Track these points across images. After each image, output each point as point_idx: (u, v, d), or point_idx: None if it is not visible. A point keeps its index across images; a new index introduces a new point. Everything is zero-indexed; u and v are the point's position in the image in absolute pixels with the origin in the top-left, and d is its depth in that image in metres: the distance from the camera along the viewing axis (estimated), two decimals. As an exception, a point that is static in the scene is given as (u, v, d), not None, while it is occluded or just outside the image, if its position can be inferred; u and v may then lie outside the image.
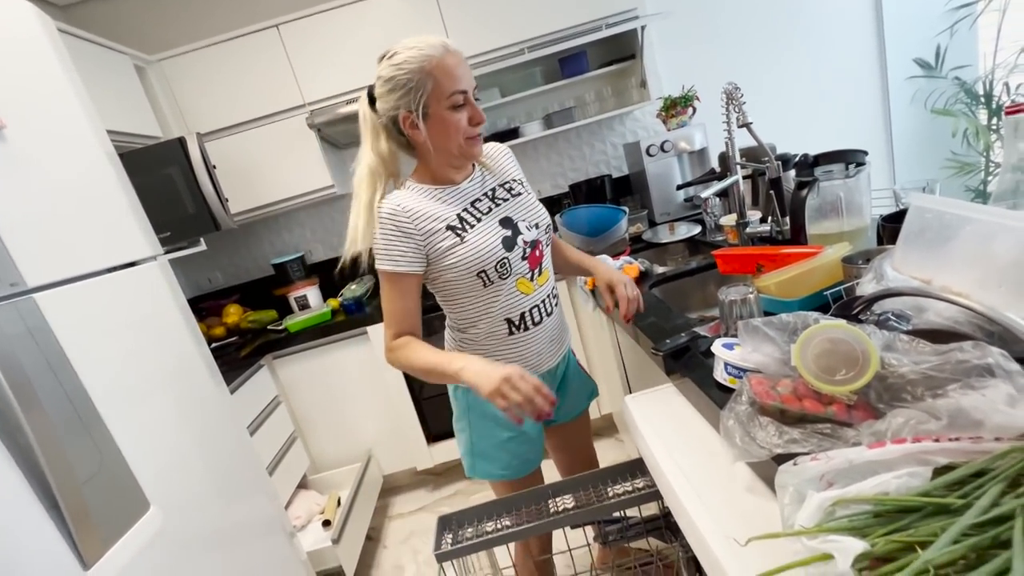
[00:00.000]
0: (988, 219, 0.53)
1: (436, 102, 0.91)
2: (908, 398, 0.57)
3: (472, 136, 0.96)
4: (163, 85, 2.03)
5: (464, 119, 0.94)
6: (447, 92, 0.91)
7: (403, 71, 0.91)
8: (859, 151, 1.05)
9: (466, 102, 0.94)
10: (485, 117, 0.98)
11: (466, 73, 0.93)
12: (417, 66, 0.90)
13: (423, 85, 0.90)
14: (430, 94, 0.91)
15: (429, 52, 0.90)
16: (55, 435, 0.82)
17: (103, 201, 1.08)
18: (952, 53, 2.51)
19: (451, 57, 0.91)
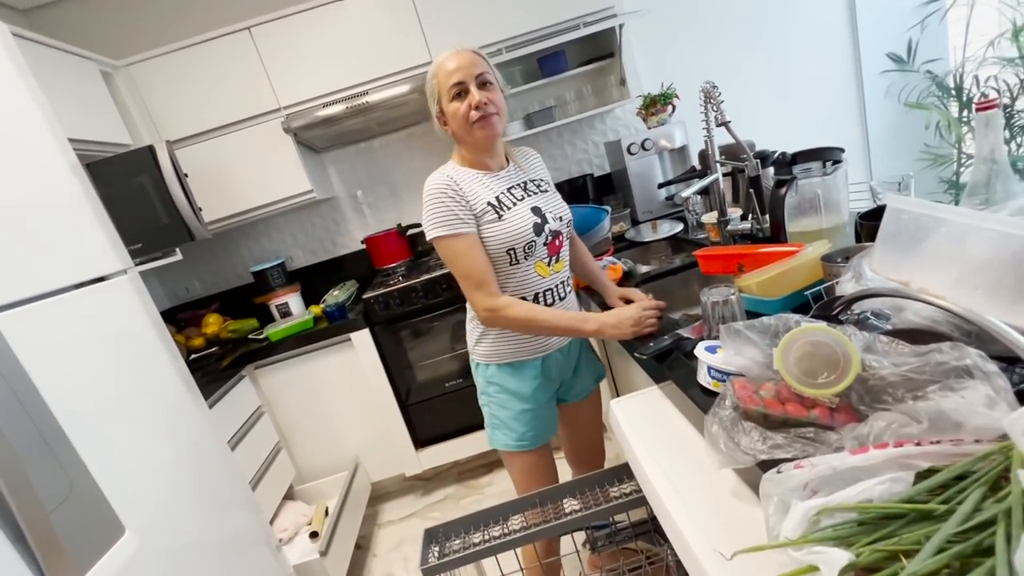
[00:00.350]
0: (962, 220, 0.54)
1: (444, 98, 1.08)
2: (889, 400, 0.57)
3: (475, 119, 1.05)
4: (131, 91, 1.97)
5: (464, 106, 1.05)
6: (446, 87, 1.06)
7: (428, 83, 1.11)
8: (836, 149, 1.06)
9: (464, 91, 1.05)
10: (483, 100, 1.05)
11: (464, 66, 1.05)
12: (431, 75, 1.10)
13: (435, 88, 1.09)
14: (440, 94, 1.08)
15: (437, 60, 1.09)
16: (17, 461, 0.78)
17: (67, 214, 1.04)
18: (923, 47, 2.56)
19: (451, 59, 1.06)
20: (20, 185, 0.96)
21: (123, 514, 0.95)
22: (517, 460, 1.25)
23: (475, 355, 1.25)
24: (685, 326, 1.04)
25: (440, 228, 1.06)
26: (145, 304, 1.19)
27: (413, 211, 2.55)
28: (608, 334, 1.08)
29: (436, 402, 2.17)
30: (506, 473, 2.25)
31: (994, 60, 2.43)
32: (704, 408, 0.75)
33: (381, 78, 2.06)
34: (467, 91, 1.05)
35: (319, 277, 2.55)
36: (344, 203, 2.52)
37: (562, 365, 1.26)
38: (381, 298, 2.04)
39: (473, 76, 1.05)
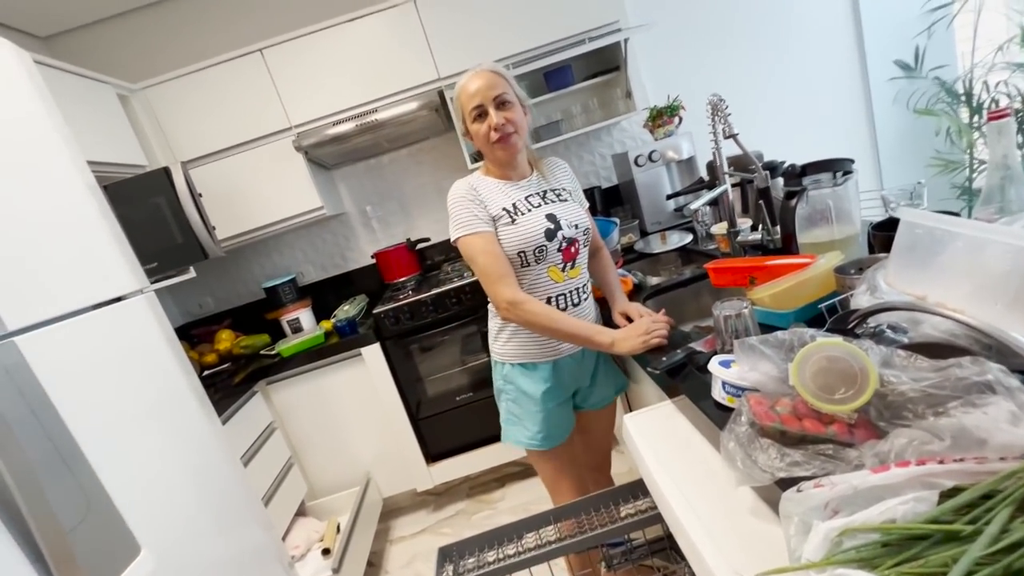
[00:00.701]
0: (977, 234, 0.53)
1: (467, 118, 1.16)
2: (909, 416, 0.56)
3: (495, 140, 1.13)
4: (147, 113, 2.02)
5: (484, 127, 1.13)
6: (467, 110, 1.14)
7: (454, 102, 1.19)
8: (846, 160, 1.05)
9: (484, 113, 1.12)
10: (500, 122, 1.11)
11: (483, 88, 1.11)
12: (455, 96, 1.17)
13: (459, 109, 1.17)
14: (463, 115, 1.17)
15: (460, 81, 1.15)
16: (36, 481, 0.79)
17: (85, 236, 1.06)
18: (931, 53, 2.55)
19: (472, 80, 1.13)
20: (40, 207, 0.99)
21: (139, 533, 0.95)
22: (539, 460, 1.30)
23: (494, 353, 1.31)
24: (697, 339, 1.03)
25: (461, 229, 1.15)
26: (161, 323, 1.20)
27: (422, 226, 2.57)
28: (619, 347, 1.09)
29: (447, 416, 2.16)
30: (518, 488, 2.25)
31: (1003, 65, 2.41)
32: (719, 423, 0.74)
33: (390, 95, 2.10)
34: (487, 113, 1.12)
35: (330, 292, 2.58)
36: (354, 219, 2.55)
37: (575, 372, 1.29)
38: (391, 312, 2.05)
39: (491, 98, 1.11)
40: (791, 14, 2.49)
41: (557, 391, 1.26)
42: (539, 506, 2.08)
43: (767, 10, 2.48)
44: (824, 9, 2.50)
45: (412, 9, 2.02)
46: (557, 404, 1.27)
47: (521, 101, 1.17)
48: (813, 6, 2.49)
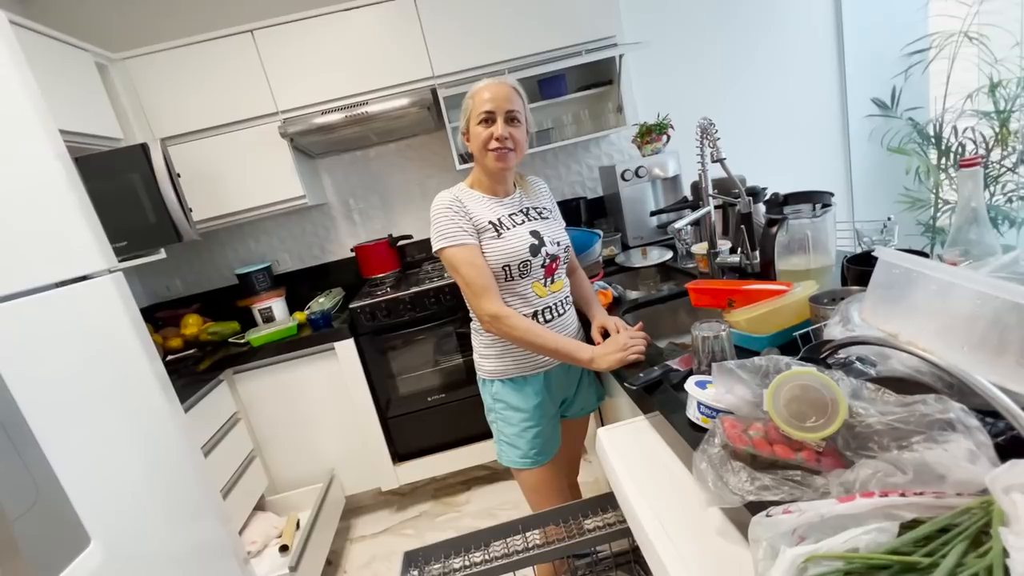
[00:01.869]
0: (949, 278, 0.56)
1: (473, 119, 1.16)
2: (875, 448, 0.59)
3: (492, 148, 1.14)
4: (126, 85, 1.94)
5: (487, 133, 1.13)
6: (478, 111, 1.14)
7: (464, 99, 1.19)
8: (826, 192, 1.09)
9: (492, 121, 1.13)
10: (504, 135, 1.13)
11: (499, 98, 1.13)
12: (469, 94, 1.18)
13: (468, 107, 1.17)
14: (471, 113, 1.16)
15: (479, 83, 1.17)
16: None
17: (52, 208, 1.01)
18: (906, 95, 2.67)
19: (488, 88, 1.14)
20: (6, 176, 0.94)
21: (89, 522, 0.91)
22: (526, 476, 1.29)
23: (481, 371, 1.30)
24: (673, 356, 1.05)
25: (445, 240, 1.14)
26: (127, 306, 1.15)
27: (404, 222, 2.54)
28: (598, 363, 1.10)
29: (417, 416, 2.14)
30: (484, 491, 2.24)
31: (971, 112, 2.54)
32: (692, 442, 0.76)
33: (382, 89, 2.07)
34: (494, 121, 1.13)
35: (304, 283, 2.52)
36: (335, 210, 2.51)
37: (563, 382, 1.31)
38: (368, 308, 2.02)
39: (504, 110, 1.13)
40: (780, 46, 2.57)
41: (549, 403, 1.28)
42: (505, 511, 2.08)
43: (757, 42, 2.55)
44: (810, 44, 2.59)
45: (411, 5, 2.01)
46: (549, 417, 1.28)
47: (527, 124, 1.19)
48: (800, 40, 2.58)
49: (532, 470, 1.28)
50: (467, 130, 1.19)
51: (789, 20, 2.55)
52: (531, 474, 1.28)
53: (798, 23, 2.56)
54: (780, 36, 2.56)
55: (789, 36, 2.56)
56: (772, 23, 2.54)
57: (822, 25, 2.58)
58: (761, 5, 2.52)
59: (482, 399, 1.34)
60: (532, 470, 1.28)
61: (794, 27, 2.56)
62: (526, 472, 1.29)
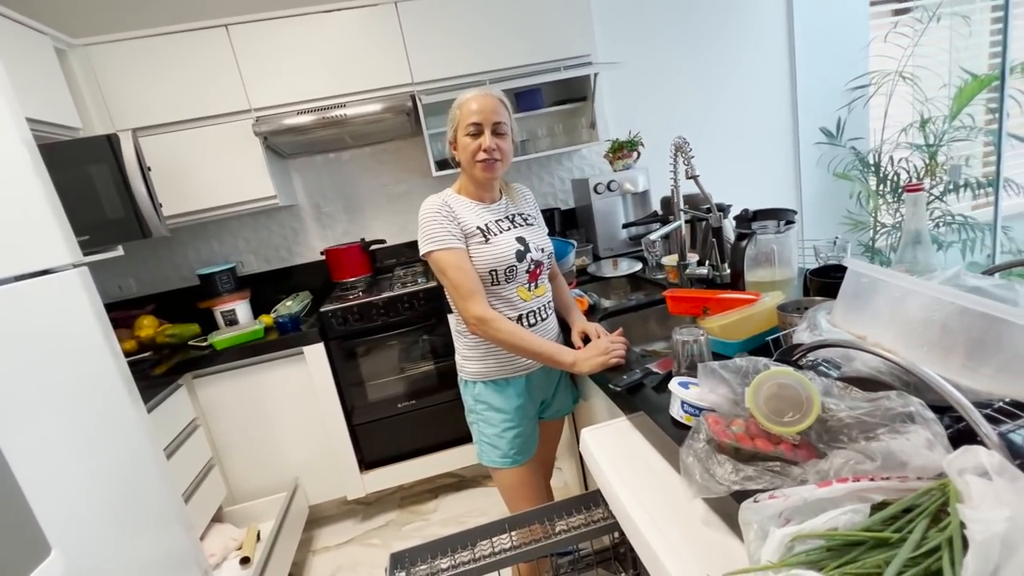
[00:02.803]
0: (909, 286, 0.63)
1: (460, 130, 1.18)
2: (845, 440, 0.65)
3: (480, 159, 1.17)
4: (87, 72, 1.85)
5: (475, 145, 1.16)
6: (465, 122, 1.17)
7: (451, 110, 1.21)
8: (790, 210, 1.19)
9: (479, 132, 1.16)
10: (491, 146, 1.16)
11: (486, 110, 1.16)
12: (456, 105, 1.20)
13: (455, 118, 1.20)
14: (458, 124, 1.19)
15: (466, 95, 1.19)
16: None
17: (16, 198, 0.96)
18: (850, 126, 2.90)
19: (475, 100, 1.17)
20: (-26, 163, 0.89)
21: (50, 530, 0.86)
22: (504, 476, 1.31)
23: (463, 373, 1.32)
24: (651, 361, 1.11)
25: (434, 243, 1.16)
26: (92, 302, 1.10)
27: (376, 227, 2.52)
28: (581, 367, 1.13)
29: (386, 423, 2.11)
30: (452, 499, 2.23)
31: (905, 144, 2.80)
32: (676, 439, 0.80)
33: (358, 93, 2.06)
34: (482, 132, 1.16)
35: (268, 285, 2.45)
36: (305, 211, 2.46)
37: (544, 384, 1.35)
38: (340, 312, 1.99)
39: (491, 122, 1.16)
40: (740, 75, 2.74)
41: (530, 405, 1.31)
42: (473, 518, 2.08)
43: (720, 71, 2.71)
44: (767, 75, 2.79)
45: (392, 11, 2.02)
46: (529, 419, 1.31)
47: (513, 135, 1.22)
48: (758, 72, 2.77)
49: (511, 469, 1.30)
50: (454, 140, 1.21)
51: (749, 52, 2.73)
52: (510, 473, 1.31)
53: (757, 56, 2.74)
54: (741, 66, 2.73)
55: (748, 67, 2.74)
56: (734, 54, 2.71)
57: (777, 58, 2.78)
58: (725, 39, 2.69)
59: (462, 400, 1.36)
60: (511, 469, 1.30)
61: (753, 59, 2.74)
62: (505, 471, 1.31)
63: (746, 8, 2.68)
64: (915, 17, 2.69)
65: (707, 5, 2.62)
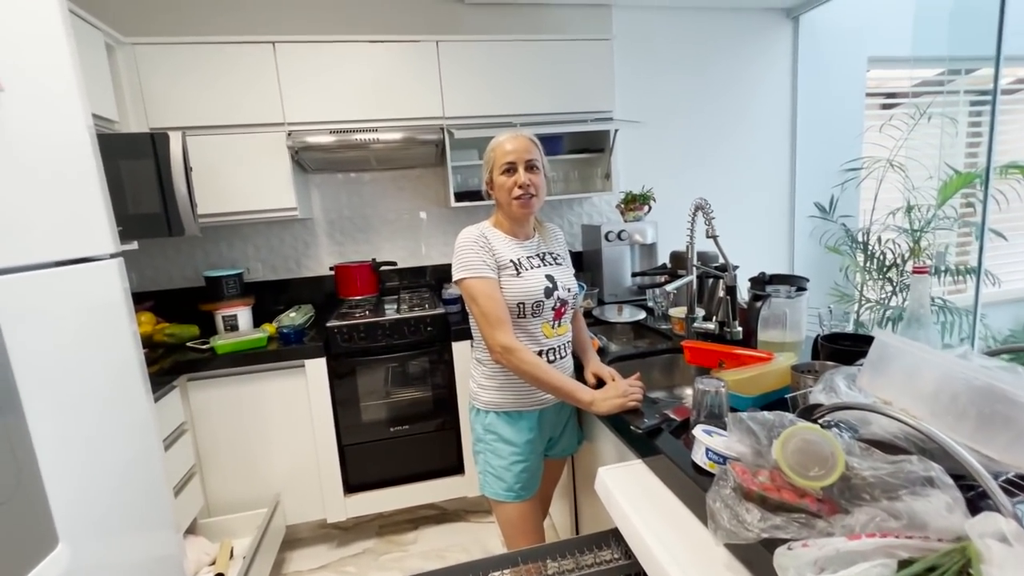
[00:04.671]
0: (932, 359, 0.69)
1: (496, 170, 1.26)
2: (867, 498, 0.69)
3: (516, 196, 1.23)
4: (131, 69, 1.89)
5: (510, 182, 1.23)
6: (500, 162, 1.24)
7: (486, 153, 1.30)
8: (802, 277, 1.27)
9: (514, 170, 1.23)
10: (526, 182, 1.23)
11: (518, 150, 1.24)
12: (490, 148, 1.29)
13: (490, 160, 1.28)
14: (493, 165, 1.27)
15: (499, 138, 1.27)
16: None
17: (79, 188, 0.99)
18: (842, 204, 3.09)
19: (509, 141, 1.25)
20: (47, 150, 0.91)
21: (61, 522, 0.84)
22: (506, 510, 1.31)
23: (476, 401, 1.33)
24: (664, 407, 1.15)
25: (467, 271, 1.21)
26: (125, 293, 1.11)
27: (386, 248, 2.56)
28: (598, 407, 1.16)
29: (376, 446, 2.09)
30: (433, 532, 2.18)
31: (893, 227, 2.98)
32: (699, 484, 0.84)
33: (391, 119, 2.14)
34: (516, 170, 1.23)
35: (270, 295, 2.44)
36: (319, 226, 2.49)
37: (554, 421, 1.37)
38: (345, 329, 1.99)
39: (524, 160, 1.24)
40: (748, 149, 2.92)
41: (539, 440, 1.33)
42: (454, 553, 2.03)
43: (729, 139, 2.89)
44: (772, 151, 2.97)
45: (433, 49, 2.13)
46: (537, 454, 1.33)
47: (545, 171, 1.30)
48: (765, 147, 2.96)
49: (514, 504, 1.30)
50: (491, 180, 1.29)
51: (755, 128, 2.92)
52: (512, 508, 1.31)
53: (761, 132, 2.93)
54: (746, 140, 2.91)
55: (753, 141, 2.93)
56: (741, 129, 2.90)
57: (780, 135, 2.97)
58: (735, 114, 2.87)
59: (471, 428, 1.37)
60: (514, 504, 1.30)
61: (758, 134, 2.93)
62: (508, 505, 1.31)
63: (756, 90, 2.88)
64: (907, 113, 2.93)
65: (721, 84, 2.82)
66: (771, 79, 2.89)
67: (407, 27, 2.34)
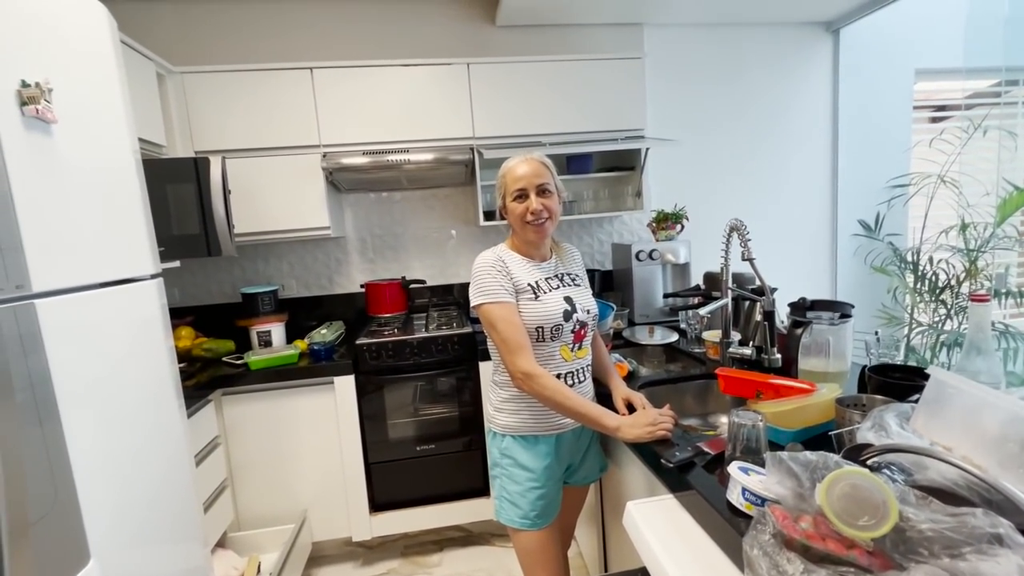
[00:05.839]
0: (998, 402, 0.63)
1: (508, 196, 1.25)
2: (925, 553, 0.63)
3: (529, 221, 1.22)
4: (179, 96, 2.00)
5: (522, 208, 1.22)
6: (512, 189, 1.23)
7: (498, 179, 1.29)
8: (847, 304, 1.20)
9: (526, 196, 1.22)
10: (538, 208, 1.21)
11: (529, 175, 1.22)
12: (501, 173, 1.27)
13: (502, 186, 1.27)
14: (505, 191, 1.25)
15: (510, 163, 1.26)
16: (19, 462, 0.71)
17: (124, 213, 1.03)
18: (888, 222, 2.93)
19: (521, 165, 1.23)
20: (97, 176, 0.96)
21: (93, 538, 0.86)
22: (522, 539, 1.27)
23: (493, 424, 1.30)
24: (696, 439, 1.09)
25: (486, 296, 1.19)
26: (163, 313, 1.15)
27: (416, 267, 2.58)
28: (625, 433, 1.12)
29: (403, 465, 2.08)
30: (458, 555, 2.15)
31: (946, 247, 2.81)
32: (734, 526, 0.78)
33: (423, 140, 2.18)
34: (528, 196, 1.21)
35: (303, 311, 2.50)
36: (351, 244, 2.54)
37: (573, 447, 1.32)
38: (374, 347, 2.01)
39: (535, 185, 1.22)
40: (785, 164, 2.83)
41: (557, 466, 1.29)
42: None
43: (765, 157, 2.80)
44: (812, 168, 2.87)
45: (464, 71, 2.16)
46: (555, 481, 1.29)
47: (558, 192, 1.27)
48: (803, 163, 2.85)
49: (530, 532, 1.26)
50: (504, 206, 1.27)
51: (793, 143, 2.82)
52: (529, 536, 1.27)
53: (801, 147, 2.84)
54: (784, 154, 2.82)
55: (792, 156, 2.83)
56: (779, 143, 2.81)
57: (821, 150, 2.87)
58: (772, 128, 2.79)
59: (487, 452, 1.35)
60: (530, 532, 1.26)
61: (797, 149, 2.83)
62: (524, 534, 1.27)
63: (794, 106, 2.80)
64: (960, 126, 2.77)
65: (757, 100, 2.75)
66: (810, 94, 2.80)
67: (439, 50, 2.39)
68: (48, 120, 0.84)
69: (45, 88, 0.83)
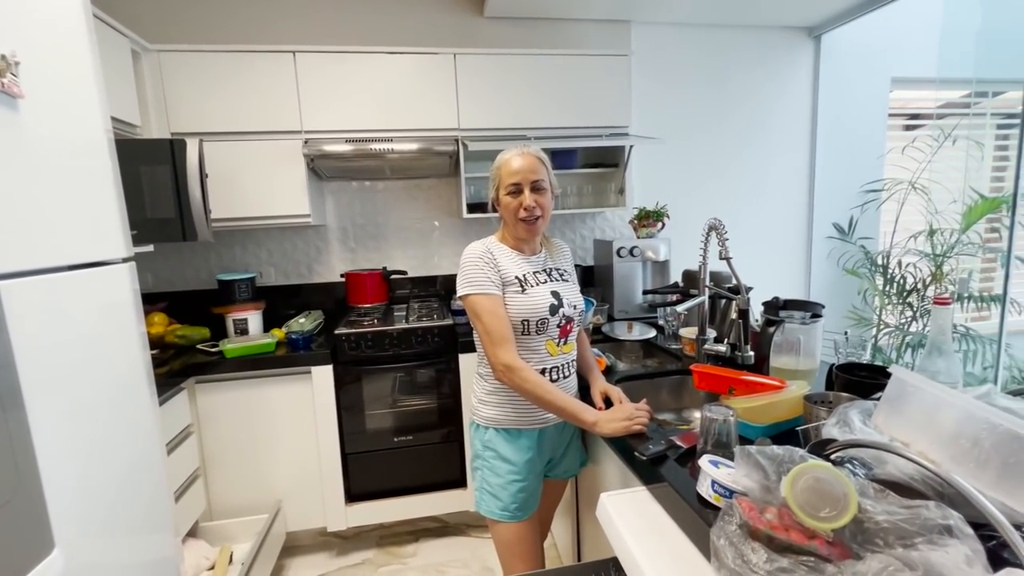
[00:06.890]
0: (955, 401, 0.66)
1: (502, 189, 1.24)
2: (880, 543, 0.66)
3: (522, 217, 1.22)
4: (155, 75, 1.94)
5: (516, 203, 1.22)
6: (506, 183, 1.23)
7: (492, 171, 1.29)
8: (818, 304, 1.23)
9: (519, 191, 1.21)
10: (531, 204, 1.21)
11: (524, 170, 1.21)
12: (496, 165, 1.27)
13: (496, 178, 1.26)
14: (499, 184, 1.25)
15: (505, 155, 1.26)
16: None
17: (95, 193, 1.00)
18: (861, 225, 3.02)
19: (516, 159, 1.23)
20: (65, 156, 0.93)
21: (57, 526, 0.84)
22: (501, 530, 1.29)
23: (476, 416, 1.31)
24: (670, 432, 1.12)
25: (472, 287, 1.20)
26: (136, 296, 1.12)
27: (397, 257, 2.56)
28: (602, 428, 1.14)
29: (379, 455, 2.08)
30: (433, 545, 2.15)
31: (914, 251, 2.91)
32: (703, 518, 0.81)
33: (407, 130, 2.16)
34: (522, 191, 1.21)
35: (280, 300, 2.46)
36: (332, 233, 2.51)
37: (555, 441, 1.34)
38: (353, 337, 1.99)
39: (530, 181, 1.21)
40: (765, 167, 2.88)
41: (538, 460, 1.30)
42: (454, 568, 2.01)
43: (746, 158, 2.85)
44: (789, 171, 2.93)
45: (451, 61, 2.15)
46: (536, 474, 1.30)
47: (552, 189, 1.28)
48: (782, 166, 2.91)
49: (510, 524, 1.28)
50: (497, 198, 1.27)
51: (773, 146, 2.88)
52: (508, 528, 1.28)
53: (780, 149, 2.89)
54: (764, 157, 2.88)
55: (772, 159, 2.89)
56: (760, 146, 2.86)
57: (799, 153, 2.93)
58: (753, 131, 2.84)
59: (470, 443, 1.35)
60: (510, 524, 1.28)
61: (776, 152, 2.89)
62: (503, 525, 1.28)
63: (775, 108, 2.85)
64: (931, 135, 2.86)
65: (740, 101, 2.79)
66: (791, 97, 2.86)
67: (426, 39, 2.37)
68: (15, 95, 0.81)
69: (12, 61, 0.80)
